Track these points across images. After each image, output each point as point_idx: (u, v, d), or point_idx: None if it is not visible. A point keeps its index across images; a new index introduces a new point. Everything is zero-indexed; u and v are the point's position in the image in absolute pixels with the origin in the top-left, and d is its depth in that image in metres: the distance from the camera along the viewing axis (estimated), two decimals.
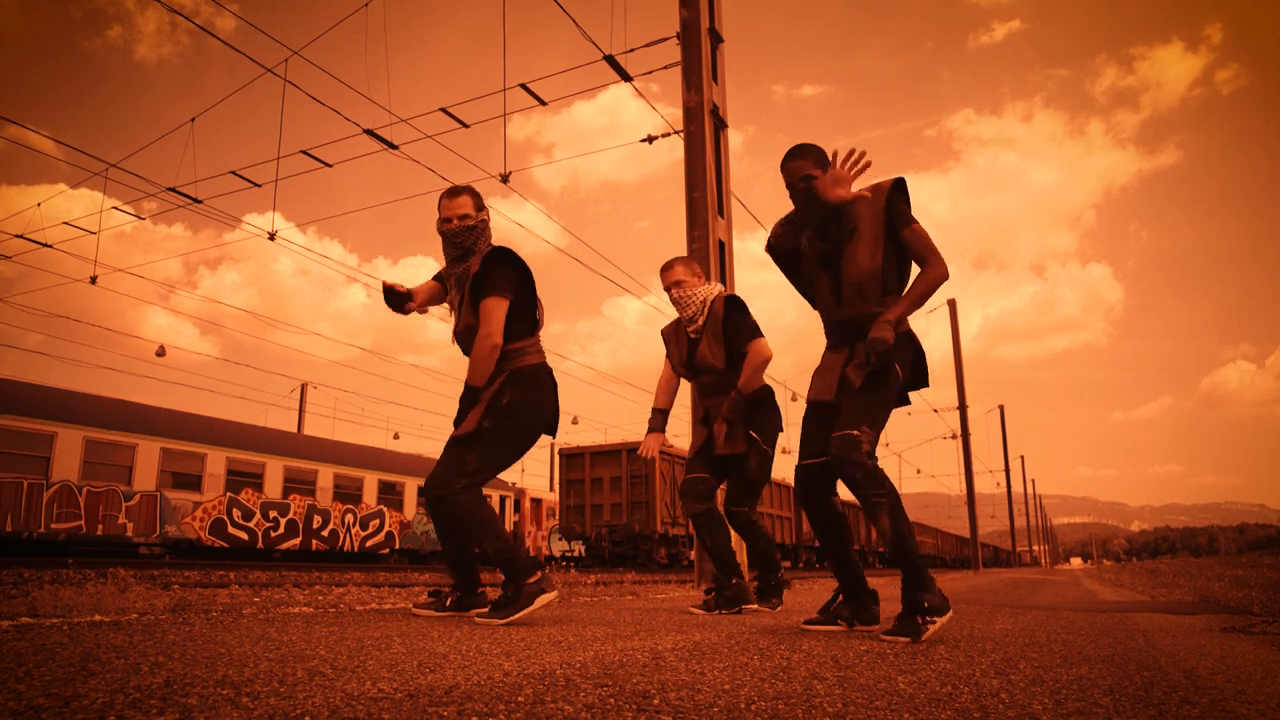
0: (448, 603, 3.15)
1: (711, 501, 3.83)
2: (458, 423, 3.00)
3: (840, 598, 2.87)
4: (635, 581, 11.22)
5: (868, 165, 2.61)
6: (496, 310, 2.95)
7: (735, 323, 3.71)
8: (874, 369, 2.60)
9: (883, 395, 2.63)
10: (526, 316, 3.08)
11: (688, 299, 3.80)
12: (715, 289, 3.84)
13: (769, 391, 3.85)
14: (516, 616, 2.79)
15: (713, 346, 3.75)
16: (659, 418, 3.93)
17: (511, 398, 2.98)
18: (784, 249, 2.91)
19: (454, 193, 3.13)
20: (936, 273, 2.62)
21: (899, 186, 2.68)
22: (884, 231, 2.66)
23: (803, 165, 2.74)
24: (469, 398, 3.00)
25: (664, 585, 9.40)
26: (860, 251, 2.67)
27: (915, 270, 2.70)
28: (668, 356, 4.01)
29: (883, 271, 2.66)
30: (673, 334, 3.98)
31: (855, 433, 2.55)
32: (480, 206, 3.15)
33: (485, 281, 2.99)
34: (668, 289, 3.85)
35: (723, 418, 3.69)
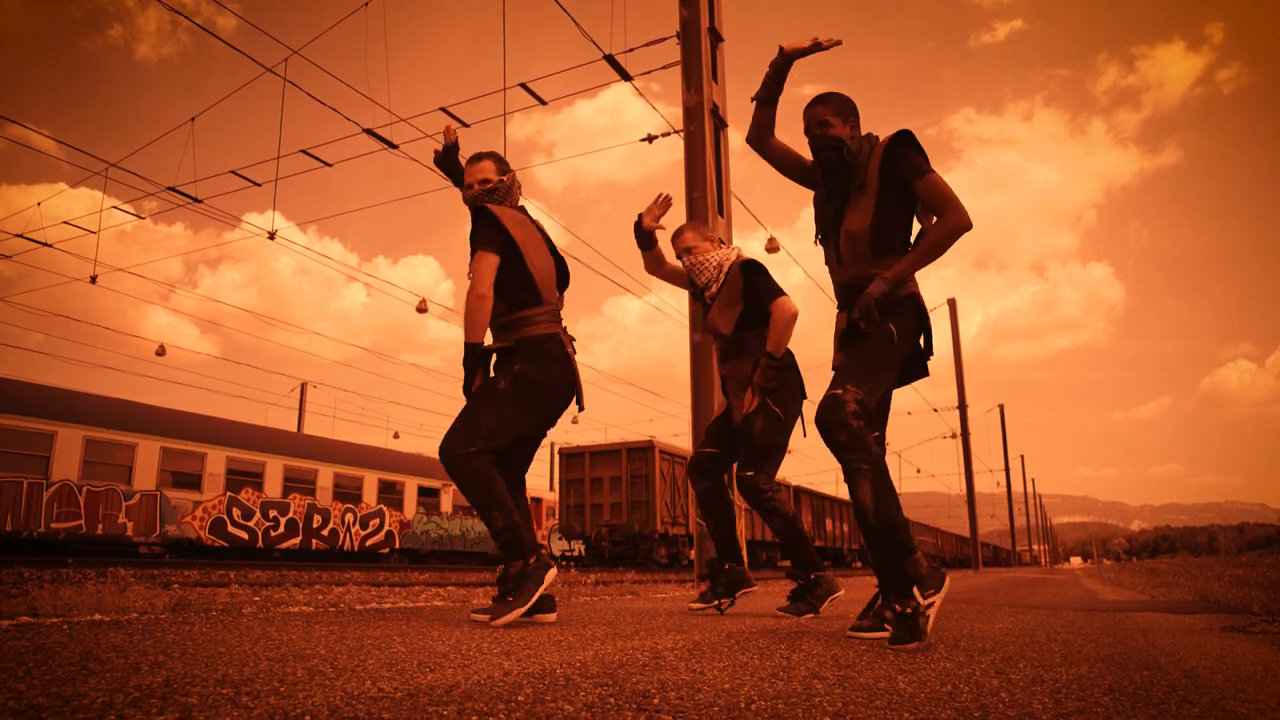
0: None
1: (718, 479, 3.64)
2: (467, 388, 2.93)
3: (880, 599, 2.56)
4: (635, 581, 11.22)
5: (837, 43, 2.64)
6: (481, 263, 2.88)
7: (755, 286, 3.51)
8: (863, 327, 2.47)
9: (879, 356, 2.48)
10: (528, 284, 3.00)
11: (701, 265, 3.64)
12: (733, 253, 3.68)
13: (789, 354, 3.59)
14: (533, 601, 2.71)
15: (723, 312, 3.59)
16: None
17: (523, 364, 2.93)
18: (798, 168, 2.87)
19: (476, 159, 3.10)
20: (953, 220, 2.45)
21: (900, 139, 2.53)
22: (878, 188, 2.55)
23: (821, 111, 2.67)
24: (470, 361, 2.90)
25: (664, 585, 9.40)
26: (860, 209, 2.58)
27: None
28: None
29: (874, 232, 2.55)
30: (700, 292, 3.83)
31: (839, 392, 2.37)
32: (504, 170, 3.11)
33: (473, 238, 2.96)
34: (679, 256, 3.71)
35: (754, 385, 3.42)
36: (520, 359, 2.94)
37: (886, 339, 2.50)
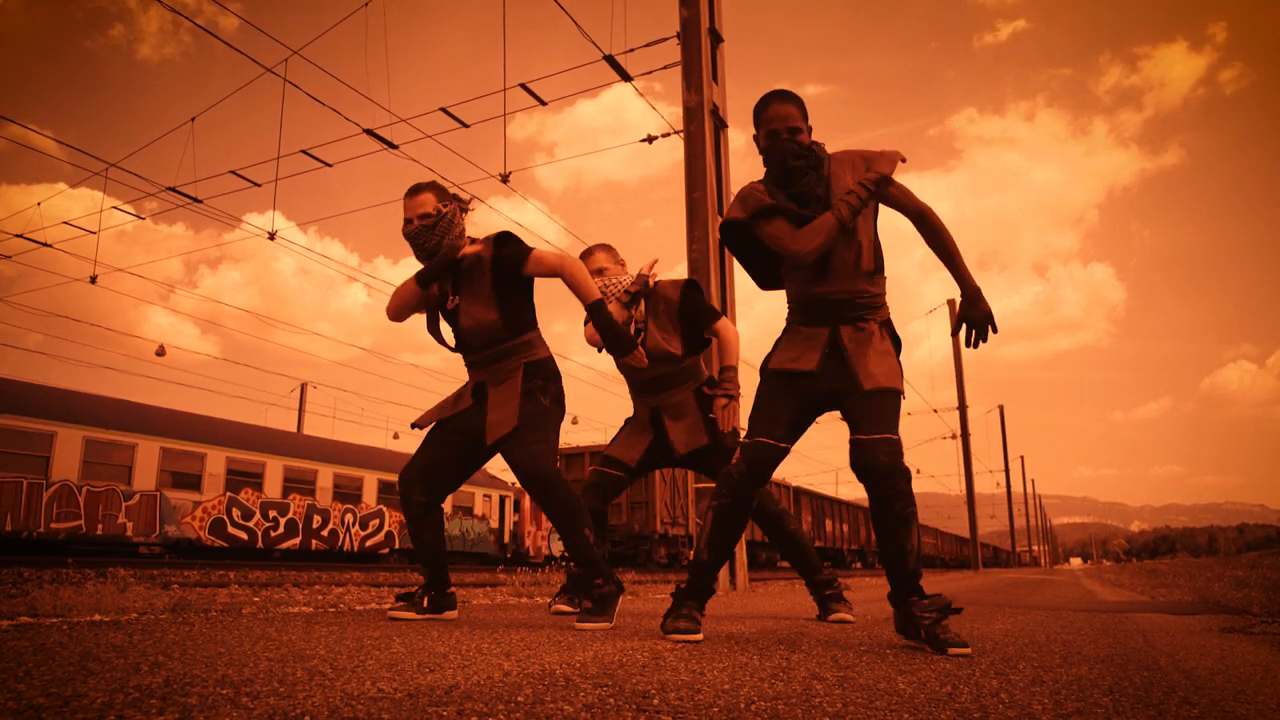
0: (425, 603, 3.01)
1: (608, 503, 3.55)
2: (627, 346, 2.89)
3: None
4: (635, 581, 11.21)
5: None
6: (564, 258, 2.86)
7: (697, 305, 3.37)
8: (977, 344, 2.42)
9: (898, 398, 2.47)
10: (531, 307, 3.02)
11: (613, 287, 3.46)
12: (648, 278, 3.49)
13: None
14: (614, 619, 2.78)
15: (667, 335, 3.39)
16: None
17: (554, 384, 2.96)
18: (743, 222, 2.56)
19: (414, 191, 2.94)
20: (940, 220, 2.49)
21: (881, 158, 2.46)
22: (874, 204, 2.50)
23: (792, 113, 2.48)
24: (606, 319, 2.81)
25: (664, 585, 9.40)
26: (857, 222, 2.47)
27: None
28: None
29: (876, 246, 2.51)
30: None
31: (897, 438, 2.37)
32: (446, 199, 2.95)
33: (512, 258, 2.89)
34: (592, 275, 3.46)
35: (721, 397, 3.19)
36: (550, 379, 2.95)
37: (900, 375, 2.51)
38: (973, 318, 2.40)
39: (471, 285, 2.95)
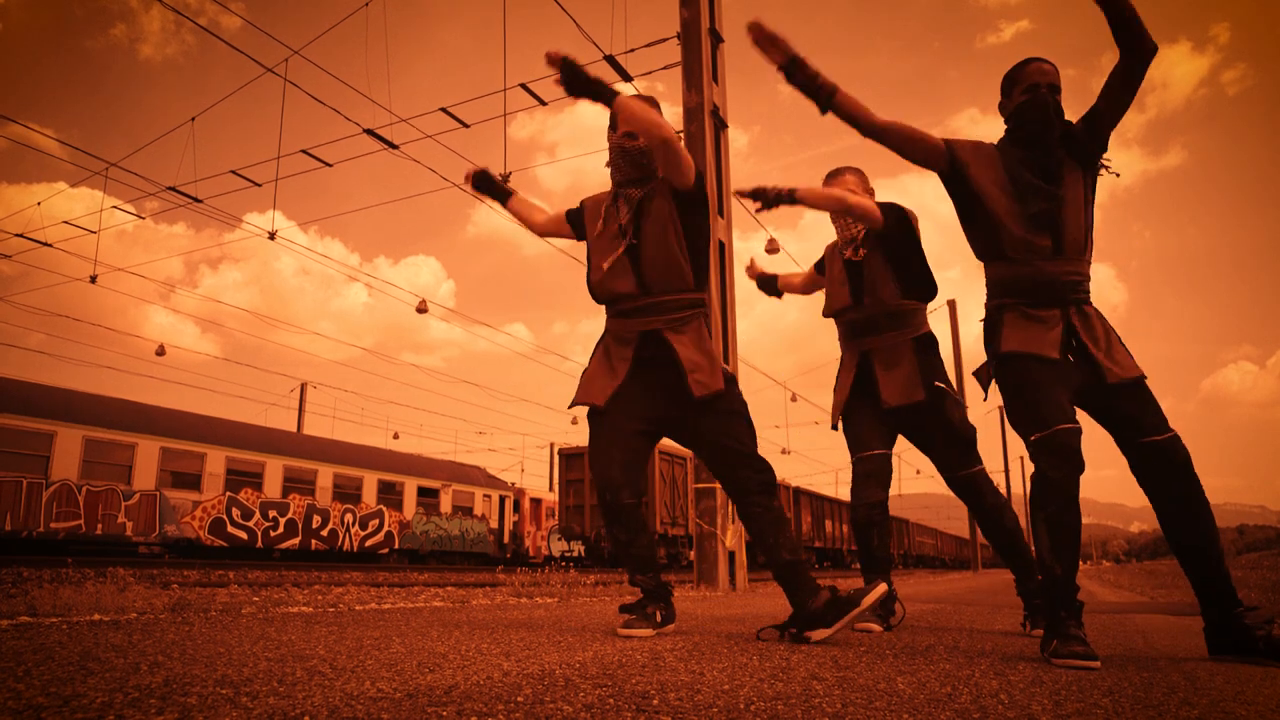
0: (659, 617, 2.57)
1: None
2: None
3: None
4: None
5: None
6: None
7: (912, 235, 3.00)
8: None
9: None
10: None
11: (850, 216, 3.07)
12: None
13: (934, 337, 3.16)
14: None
15: (882, 272, 3.03)
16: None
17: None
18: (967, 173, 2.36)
19: (649, 103, 2.62)
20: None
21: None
22: (1090, 195, 2.34)
23: (1054, 73, 2.34)
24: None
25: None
26: (1082, 202, 2.32)
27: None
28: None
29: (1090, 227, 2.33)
30: (828, 257, 3.30)
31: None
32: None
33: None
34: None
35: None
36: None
37: None
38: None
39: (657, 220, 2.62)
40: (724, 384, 2.51)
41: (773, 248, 11.96)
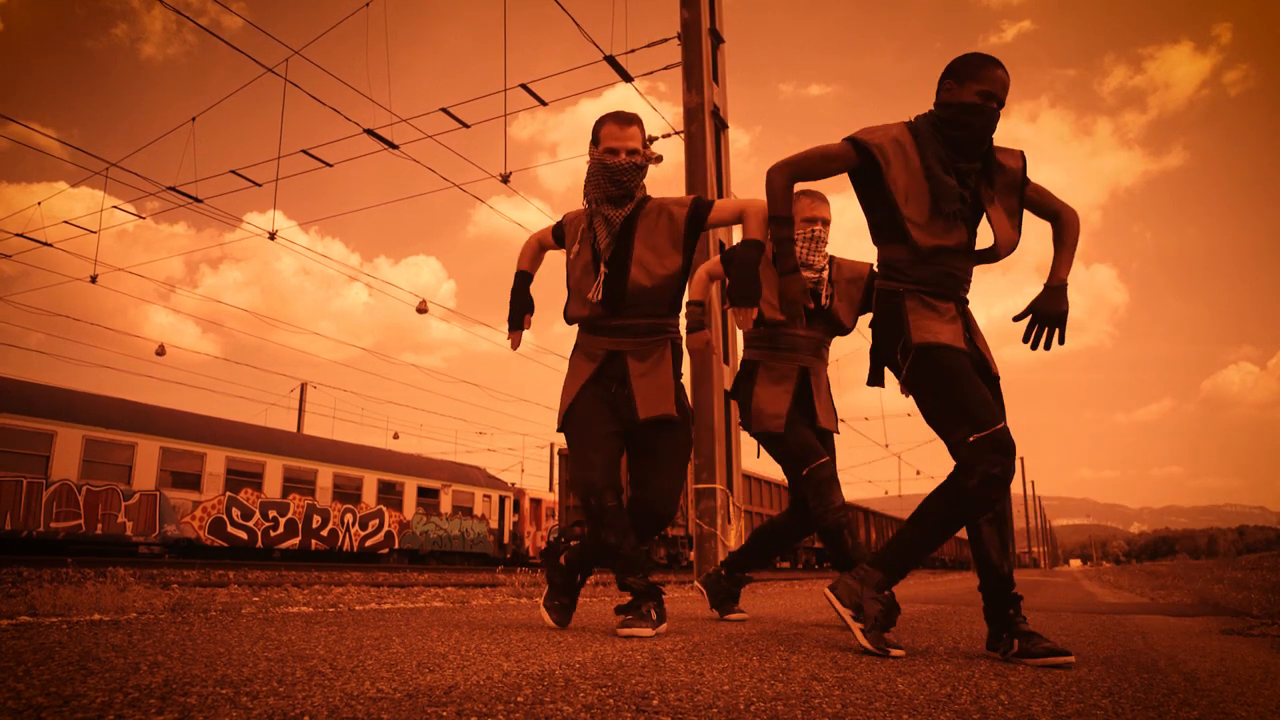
0: (654, 615, 2.57)
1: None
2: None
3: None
4: None
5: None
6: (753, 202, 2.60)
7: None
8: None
9: None
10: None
11: (825, 241, 3.12)
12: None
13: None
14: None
15: (843, 305, 3.17)
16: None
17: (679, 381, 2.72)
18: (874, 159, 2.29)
19: (626, 120, 2.60)
20: (1076, 218, 2.39)
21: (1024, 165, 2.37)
22: (1018, 208, 2.35)
23: (1007, 87, 2.26)
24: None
25: (663, 586, 9.39)
26: (1007, 213, 2.33)
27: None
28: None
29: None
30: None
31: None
32: (647, 143, 2.69)
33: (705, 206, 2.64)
34: (811, 221, 3.10)
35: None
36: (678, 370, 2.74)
37: None
38: (1046, 313, 2.21)
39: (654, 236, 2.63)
40: (675, 413, 2.57)
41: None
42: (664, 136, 9.44)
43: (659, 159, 2.65)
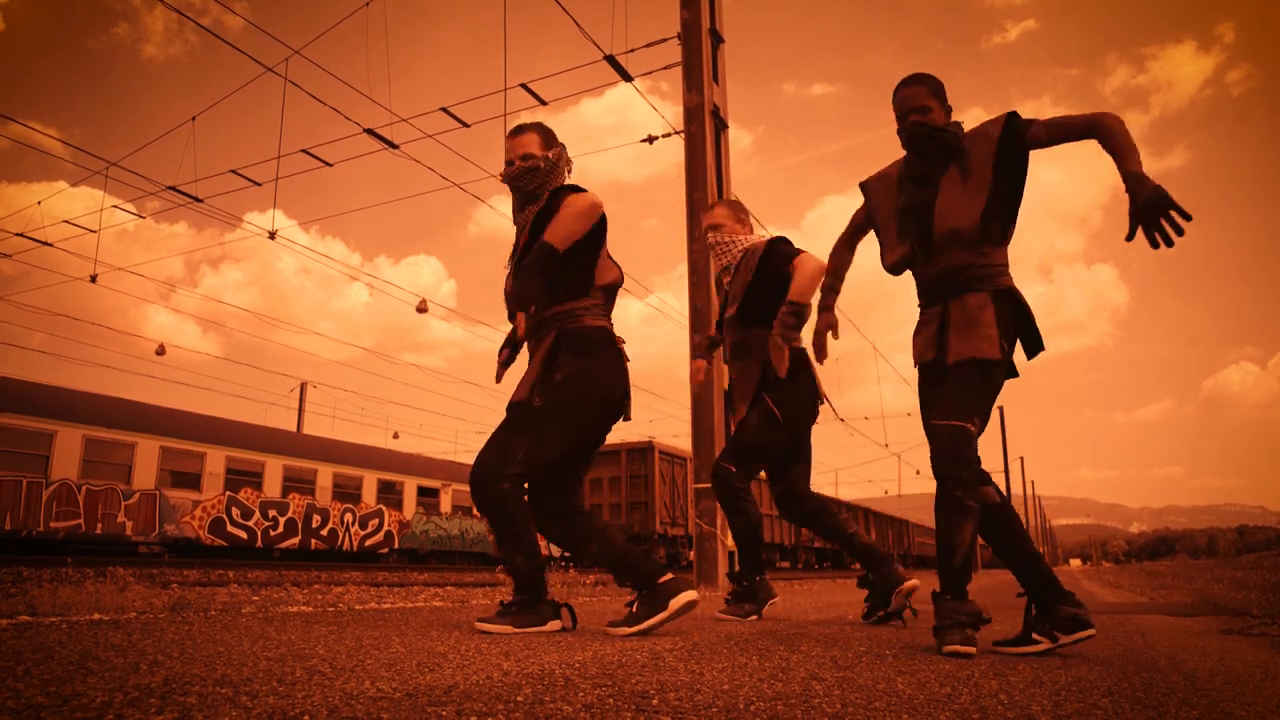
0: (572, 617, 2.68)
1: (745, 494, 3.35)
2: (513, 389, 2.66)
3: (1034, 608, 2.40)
4: None
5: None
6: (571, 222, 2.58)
7: (779, 253, 3.25)
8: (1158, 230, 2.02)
9: (997, 378, 2.33)
10: (583, 274, 2.67)
11: (725, 245, 3.41)
12: (763, 239, 3.39)
13: (804, 352, 3.32)
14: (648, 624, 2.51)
15: (734, 300, 3.39)
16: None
17: (567, 369, 2.58)
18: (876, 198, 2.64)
19: (517, 131, 2.75)
20: (1111, 119, 2.19)
21: (1013, 120, 2.34)
22: (993, 174, 2.34)
23: (919, 94, 2.42)
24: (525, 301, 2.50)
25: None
26: (965, 196, 2.36)
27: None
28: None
29: (985, 218, 2.34)
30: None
31: (970, 427, 2.25)
32: (550, 144, 2.76)
33: (549, 218, 2.62)
34: (705, 231, 3.49)
35: (772, 340, 3.07)
36: (564, 358, 2.60)
37: (1005, 357, 2.34)
38: (1141, 205, 2.02)
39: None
40: (527, 397, 2.62)
41: None
42: (664, 136, 9.43)
43: (559, 154, 2.76)
